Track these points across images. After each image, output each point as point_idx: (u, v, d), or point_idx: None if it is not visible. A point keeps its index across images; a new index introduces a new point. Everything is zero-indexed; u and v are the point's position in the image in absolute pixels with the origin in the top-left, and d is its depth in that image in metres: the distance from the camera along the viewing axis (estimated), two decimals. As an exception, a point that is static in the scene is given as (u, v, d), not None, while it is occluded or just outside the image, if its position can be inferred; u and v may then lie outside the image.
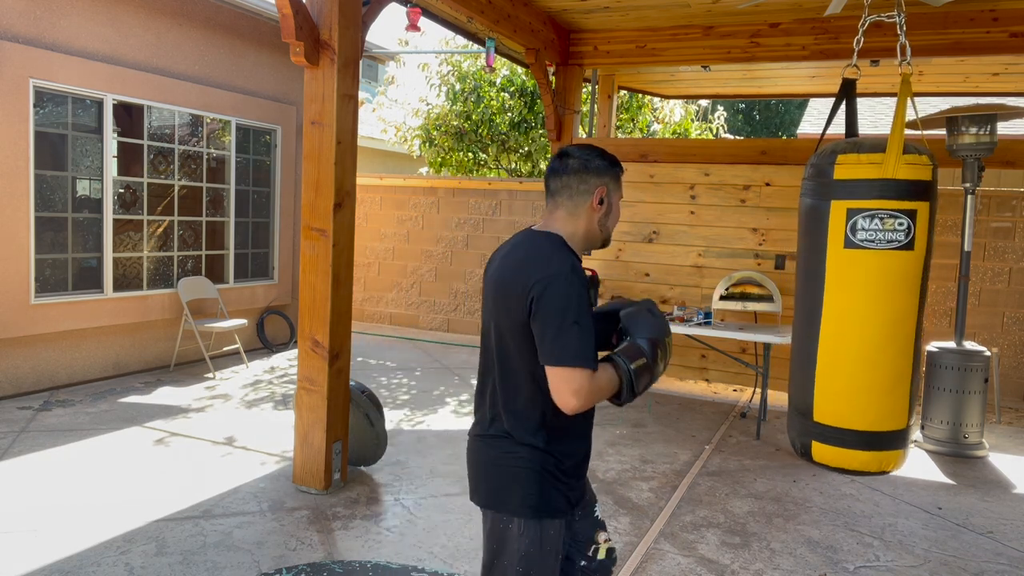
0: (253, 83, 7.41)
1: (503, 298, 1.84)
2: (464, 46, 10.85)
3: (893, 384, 3.16)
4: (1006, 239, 6.58)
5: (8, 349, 5.54)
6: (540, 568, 1.85)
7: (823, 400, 3.24)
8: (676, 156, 6.76)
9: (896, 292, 3.12)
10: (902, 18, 3.32)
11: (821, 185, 3.22)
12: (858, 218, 3.12)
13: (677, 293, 6.75)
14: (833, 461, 3.21)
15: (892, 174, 3.04)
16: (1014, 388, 6.57)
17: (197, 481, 4.09)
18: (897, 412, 3.18)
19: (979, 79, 7.69)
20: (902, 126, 3.06)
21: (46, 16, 5.55)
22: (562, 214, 1.90)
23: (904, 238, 3.05)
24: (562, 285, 1.75)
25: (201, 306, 6.97)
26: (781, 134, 24.02)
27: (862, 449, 3.16)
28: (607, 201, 1.91)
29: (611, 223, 1.95)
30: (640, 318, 1.94)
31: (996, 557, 3.56)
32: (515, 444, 1.85)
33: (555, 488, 1.86)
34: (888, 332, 3.12)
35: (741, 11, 5.94)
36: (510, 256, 1.88)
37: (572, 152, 1.92)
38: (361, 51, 4.07)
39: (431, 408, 5.86)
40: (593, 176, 1.88)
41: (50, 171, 5.69)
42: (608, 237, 1.97)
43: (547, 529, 1.85)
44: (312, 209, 3.95)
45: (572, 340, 1.72)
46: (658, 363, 1.88)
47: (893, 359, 3.14)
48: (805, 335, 3.24)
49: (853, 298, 3.19)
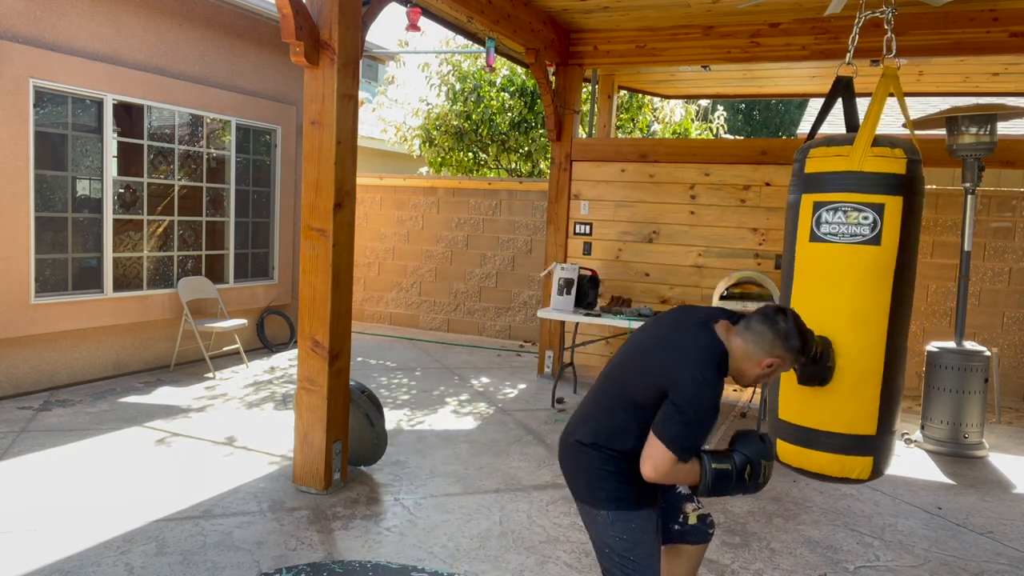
0: (253, 83, 7.42)
1: (650, 362, 2.13)
2: (464, 46, 10.84)
3: (857, 385, 3.05)
4: (1006, 239, 6.58)
5: (8, 349, 5.54)
6: (633, 546, 2.17)
7: (786, 396, 3.17)
8: (676, 156, 6.76)
9: (860, 288, 3.02)
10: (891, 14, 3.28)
11: (797, 179, 3.17)
12: (822, 211, 3.04)
13: (677, 293, 6.75)
14: (793, 460, 3.12)
15: (858, 166, 2.96)
16: (1014, 388, 6.57)
17: (197, 481, 4.09)
18: (863, 416, 3.07)
19: (979, 79, 7.68)
20: (876, 118, 3.00)
21: (46, 16, 5.55)
22: (739, 343, 2.13)
23: (869, 232, 2.96)
24: (708, 390, 2.01)
25: (201, 306, 6.97)
26: (781, 134, 24.01)
27: (821, 450, 3.06)
28: (774, 370, 2.16)
29: (762, 382, 2.22)
30: (748, 438, 2.23)
31: (996, 557, 3.56)
32: (601, 451, 2.19)
33: (628, 486, 2.17)
34: (851, 330, 3.02)
35: (741, 11, 5.94)
36: (682, 330, 2.15)
37: (790, 318, 2.14)
38: (361, 51, 4.07)
39: (431, 408, 5.86)
40: (781, 348, 2.12)
41: (50, 171, 5.69)
42: (748, 385, 2.25)
43: (632, 519, 2.17)
44: (312, 209, 3.95)
45: (686, 433, 2.01)
46: (744, 477, 2.15)
47: (857, 358, 3.03)
48: None
49: (815, 293, 3.11)
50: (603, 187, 7.01)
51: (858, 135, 2.99)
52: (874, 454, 2.99)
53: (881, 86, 3.08)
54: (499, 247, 9.07)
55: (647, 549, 2.18)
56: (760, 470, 2.18)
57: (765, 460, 2.19)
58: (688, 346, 2.09)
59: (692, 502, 2.40)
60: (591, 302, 6.16)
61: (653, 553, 2.20)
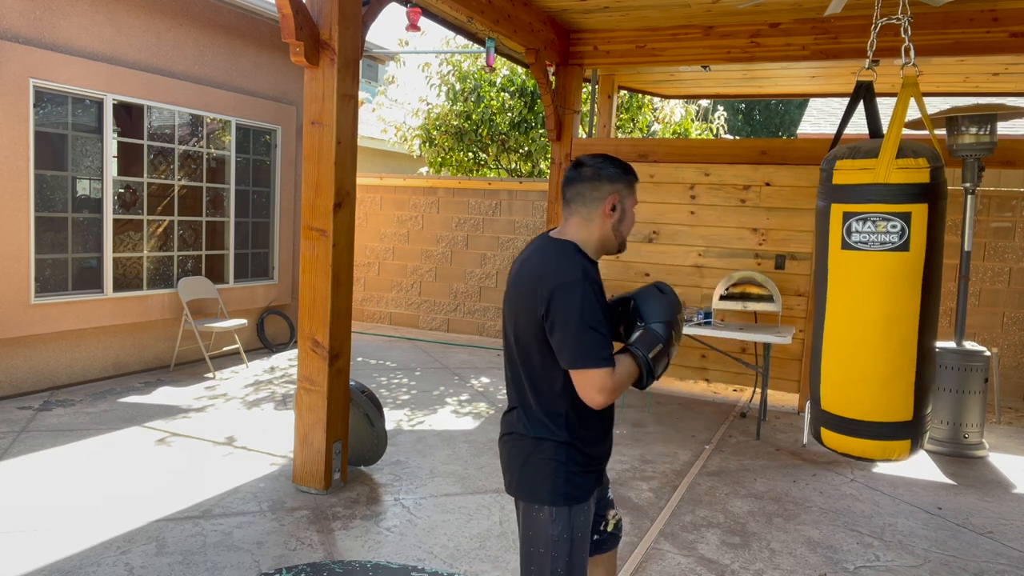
0: (253, 83, 7.42)
1: (521, 305, 1.94)
2: (464, 46, 10.85)
3: (890, 378, 3.27)
4: (1006, 239, 6.58)
5: (8, 349, 5.54)
6: (573, 550, 1.98)
7: (828, 390, 3.38)
8: (676, 156, 6.76)
9: (890, 292, 3.21)
10: (907, 20, 3.34)
11: (825, 188, 3.32)
12: (852, 221, 3.21)
13: (677, 293, 6.74)
14: (839, 447, 3.37)
15: (884, 179, 3.10)
16: (1014, 388, 6.57)
17: (197, 481, 4.09)
18: (897, 405, 3.31)
19: (979, 79, 7.68)
20: (899, 130, 3.07)
21: (46, 16, 5.55)
22: (576, 221, 2.00)
23: (898, 240, 3.11)
24: (575, 291, 1.84)
25: (201, 306, 6.97)
26: (781, 134, 24.02)
27: (865, 437, 3.29)
28: (620, 207, 1.99)
29: (625, 229, 2.03)
30: (652, 300, 2.03)
31: (996, 557, 3.56)
32: (543, 441, 1.97)
33: (581, 476, 1.98)
34: (882, 329, 3.21)
35: (741, 11, 5.94)
36: (526, 264, 1.98)
37: (586, 161, 2.00)
38: (361, 51, 4.07)
39: (431, 408, 5.86)
40: (606, 183, 1.97)
41: (50, 171, 5.69)
42: (623, 242, 2.05)
43: (576, 514, 1.98)
44: (312, 209, 3.95)
45: (589, 343, 1.82)
46: (672, 344, 1.98)
47: (890, 355, 3.23)
48: (816, 330, 3.42)
49: (849, 297, 3.29)
50: (603, 187, 7.00)
51: (882, 148, 3.11)
52: (911, 437, 3.22)
53: (902, 96, 3.17)
54: (499, 247, 9.07)
55: (584, 547, 2.02)
56: (680, 323, 2.03)
57: (678, 314, 2.03)
58: (539, 270, 1.92)
59: (614, 508, 2.26)
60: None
61: (585, 554, 2.03)
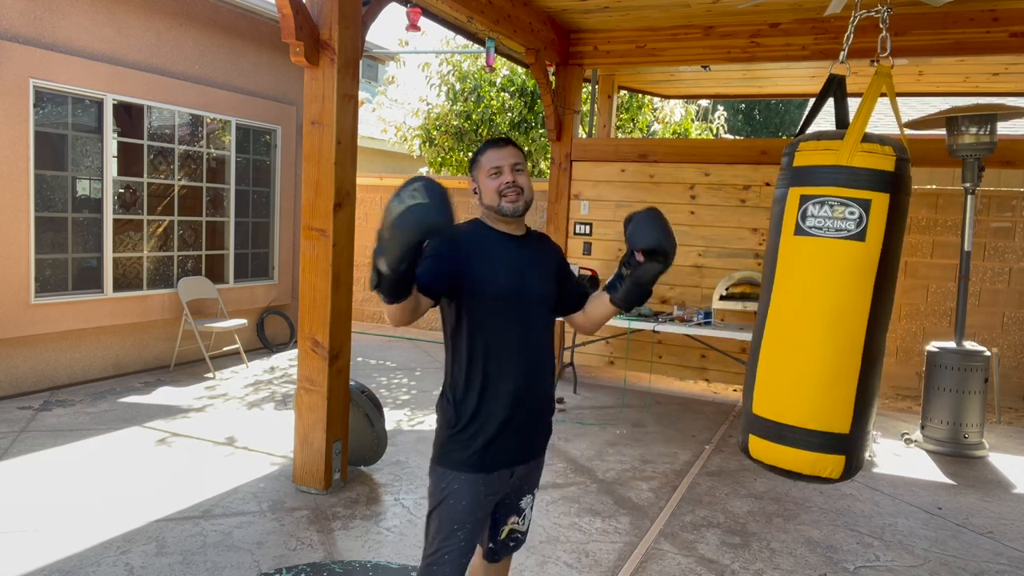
0: (253, 83, 7.41)
1: None
2: (464, 46, 10.84)
3: (831, 382, 3.02)
4: (1006, 239, 6.58)
5: (8, 349, 5.54)
6: (441, 511, 2.04)
7: (761, 392, 3.12)
8: (676, 156, 6.76)
9: (841, 284, 3.01)
10: (886, 13, 3.28)
11: (785, 174, 3.16)
12: (809, 204, 3.02)
13: (677, 293, 6.75)
14: (766, 458, 3.05)
15: (847, 161, 2.96)
16: (1014, 388, 6.57)
17: (197, 481, 4.09)
18: (836, 414, 3.03)
19: (979, 79, 7.68)
20: (867, 114, 2.99)
21: (46, 16, 5.55)
22: (474, 187, 2.20)
23: (855, 227, 2.96)
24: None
25: (201, 306, 6.97)
26: (781, 134, 24.02)
27: (793, 447, 3.00)
28: (477, 185, 2.16)
29: (486, 199, 2.13)
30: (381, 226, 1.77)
31: (996, 557, 3.56)
32: (442, 397, 2.11)
33: (452, 441, 2.04)
34: (829, 325, 2.99)
35: (741, 11, 5.94)
36: None
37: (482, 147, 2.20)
38: (361, 51, 4.07)
39: (431, 408, 5.85)
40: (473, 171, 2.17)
41: (50, 171, 5.69)
42: (494, 207, 2.12)
43: (443, 477, 2.04)
44: (312, 209, 3.95)
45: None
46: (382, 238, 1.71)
47: (833, 355, 3.00)
48: (758, 324, 3.13)
49: (797, 287, 3.09)
50: (603, 187, 7.01)
51: (848, 130, 2.99)
52: (846, 453, 2.95)
53: (874, 84, 3.08)
54: (499, 247, 9.06)
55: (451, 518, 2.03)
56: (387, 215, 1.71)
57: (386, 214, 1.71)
58: None
59: (518, 516, 2.24)
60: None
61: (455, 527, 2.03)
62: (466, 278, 2.01)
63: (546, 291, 2.17)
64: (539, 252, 2.22)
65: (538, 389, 2.12)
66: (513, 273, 2.07)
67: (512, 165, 2.09)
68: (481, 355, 2.03)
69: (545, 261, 2.22)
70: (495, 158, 2.10)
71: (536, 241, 2.25)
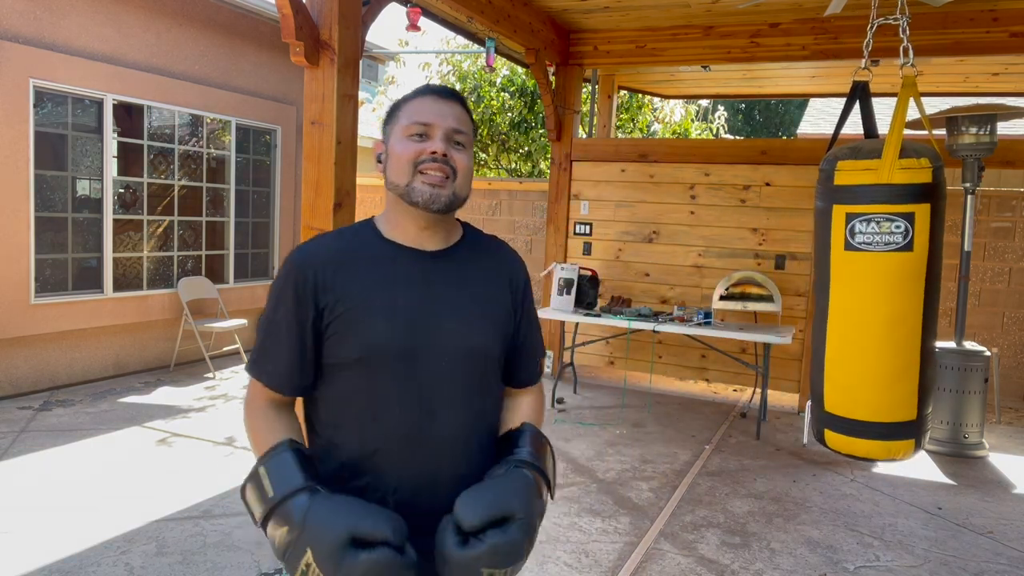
0: (253, 83, 7.41)
1: None
2: (464, 46, 10.85)
3: (895, 379, 3.29)
4: (1006, 239, 6.58)
5: (8, 349, 5.54)
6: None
7: (831, 392, 3.39)
8: (676, 156, 6.76)
9: (896, 292, 3.21)
10: (905, 20, 3.34)
11: (826, 189, 3.32)
12: (856, 222, 3.22)
13: (677, 293, 6.74)
14: (843, 448, 3.39)
15: (887, 179, 3.10)
16: (1014, 388, 6.57)
17: (197, 481, 4.09)
18: (902, 405, 3.34)
19: (979, 79, 7.68)
20: (900, 130, 3.09)
21: (46, 16, 5.55)
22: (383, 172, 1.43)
23: (903, 240, 3.12)
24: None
25: (201, 306, 6.97)
26: (781, 134, 24.02)
27: (867, 437, 3.31)
28: (385, 151, 1.40)
29: (393, 172, 1.36)
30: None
31: (996, 557, 3.56)
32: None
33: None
34: (887, 330, 3.21)
35: (741, 11, 5.94)
36: None
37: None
38: (361, 51, 4.07)
39: (431, 408, 5.85)
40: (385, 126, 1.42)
41: (50, 171, 5.69)
42: (401, 187, 1.34)
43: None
44: (312, 209, 3.95)
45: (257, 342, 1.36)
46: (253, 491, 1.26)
47: (894, 355, 3.25)
48: (817, 331, 3.43)
49: (854, 297, 3.29)
50: (603, 187, 7.01)
51: (885, 148, 3.13)
52: (915, 436, 3.27)
53: (902, 96, 3.18)
54: (499, 247, 9.06)
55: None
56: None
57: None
58: None
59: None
60: (591, 302, 6.16)
61: None
62: (327, 325, 1.31)
63: (477, 344, 1.35)
64: (474, 273, 1.40)
65: (438, 502, 1.28)
66: (406, 315, 1.30)
67: (450, 130, 1.34)
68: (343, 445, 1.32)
69: (486, 288, 1.41)
70: (425, 111, 1.34)
71: (472, 253, 1.43)
